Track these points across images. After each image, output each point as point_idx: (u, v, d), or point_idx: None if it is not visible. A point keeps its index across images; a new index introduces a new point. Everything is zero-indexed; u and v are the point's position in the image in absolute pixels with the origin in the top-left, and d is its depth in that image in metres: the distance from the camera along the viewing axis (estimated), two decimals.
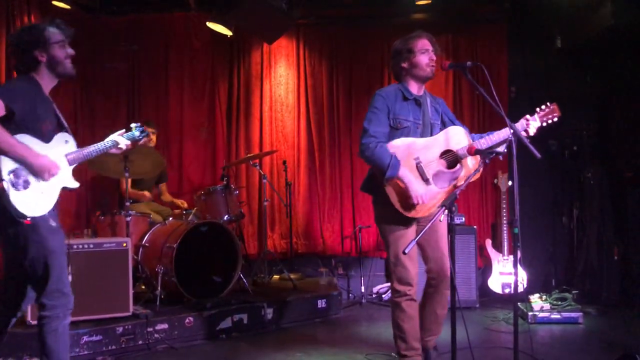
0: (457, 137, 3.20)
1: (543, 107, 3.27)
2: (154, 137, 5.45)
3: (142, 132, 3.27)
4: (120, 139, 3.14)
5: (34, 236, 2.66)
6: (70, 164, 2.88)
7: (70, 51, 2.94)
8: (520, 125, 3.18)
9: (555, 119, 3.26)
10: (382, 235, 3.26)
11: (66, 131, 2.91)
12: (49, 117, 2.82)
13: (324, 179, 6.14)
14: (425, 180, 3.12)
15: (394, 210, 3.11)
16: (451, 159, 3.18)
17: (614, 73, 5.67)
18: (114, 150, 3.16)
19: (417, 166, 3.12)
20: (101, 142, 3.08)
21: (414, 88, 3.26)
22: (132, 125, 3.27)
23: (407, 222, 3.17)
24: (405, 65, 3.22)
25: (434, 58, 3.20)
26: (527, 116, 3.21)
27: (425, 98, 3.29)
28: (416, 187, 3.07)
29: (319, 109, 6.17)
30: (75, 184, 2.91)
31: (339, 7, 6.07)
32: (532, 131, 3.18)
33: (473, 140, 3.20)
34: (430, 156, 3.15)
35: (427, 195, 3.09)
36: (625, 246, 5.37)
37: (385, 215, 3.20)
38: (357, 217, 6.10)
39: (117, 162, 4.48)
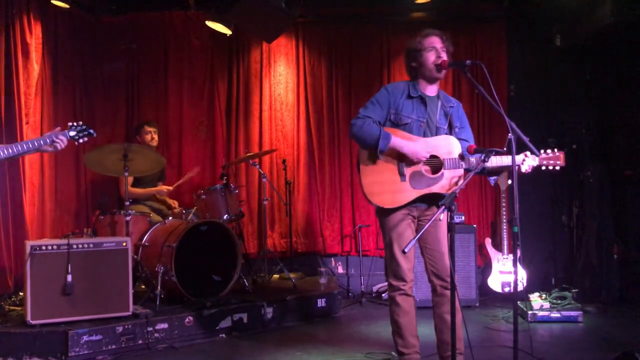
0: (449, 146, 3.13)
1: (549, 151, 3.10)
2: (155, 136, 5.46)
3: (79, 132, 3.30)
4: (58, 137, 3.16)
5: None
6: None
7: None
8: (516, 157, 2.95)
9: (557, 168, 3.10)
10: (382, 228, 3.24)
11: None
12: None
13: (324, 177, 6.13)
14: (401, 175, 3.09)
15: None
16: (435, 165, 3.13)
17: (613, 71, 5.67)
18: (48, 149, 3.17)
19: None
20: (29, 141, 3.10)
21: (425, 88, 3.20)
22: (69, 124, 3.31)
23: (404, 219, 3.15)
24: (414, 64, 3.19)
25: (442, 56, 3.10)
26: (527, 152, 3.05)
27: (435, 99, 3.21)
28: (412, 145, 3.04)
29: (319, 107, 6.16)
30: None
31: (338, 5, 6.07)
32: (524, 168, 3.04)
33: (471, 160, 3.11)
34: None
35: (425, 154, 3.03)
36: (625, 244, 5.37)
37: (386, 210, 3.19)
38: (356, 216, 6.10)
39: (117, 161, 4.48)
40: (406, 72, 3.30)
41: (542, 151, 3.10)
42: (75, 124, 3.32)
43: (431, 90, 3.22)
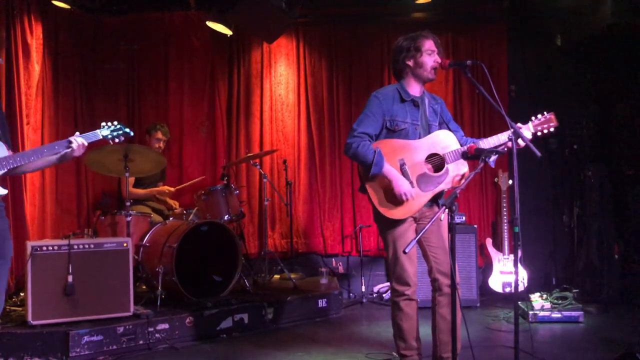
0: (445, 141, 3.15)
1: (539, 115, 3.17)
2: (163, 146, 5.48)
3: (113, 131, 3.07)
4: (75, 139, 2.86)
5: None
6: None
7: None
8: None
9: (552, 129, 3.16)
10: (381, 234, 3.25)
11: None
12: None
13: (324, 178, 6.13)
14: (409, 182, 3.09)
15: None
16: (437, 163, 3.14)
17: (613, 71, 5.67)
18: (66, 151, 2.84)
19: (400, 167, 3.09)
20: (42, 147, 2.84)
21: (414, 88, 3.21)
22: (102, 124, 3.08)
23: (405, 221, 3.15)
24: (410, 63, 3.17)
25: (439, 61, 3.15)
26: (519, 124, 3.11)
27: (423, 99, 3.24)
28: (401, 182, 3.04)
29: (319, 107, 6.16)
30: (2, 191, 2.66)
31: (338, 5, 6.07)
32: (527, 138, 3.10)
33: (467, 143, 3.15)
34: (416, 159, 3.11)
35: (412, 192, 3.05)
36: (626, 245, 5.37)
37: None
38: (357, 216, 6.09)
39: (117, 161, 4.48)
40: (393, 70, 3.29)
41: (532, 117, 3.17)
42: (109, 123, 3.10)
43: (419, 90, 3.24)
